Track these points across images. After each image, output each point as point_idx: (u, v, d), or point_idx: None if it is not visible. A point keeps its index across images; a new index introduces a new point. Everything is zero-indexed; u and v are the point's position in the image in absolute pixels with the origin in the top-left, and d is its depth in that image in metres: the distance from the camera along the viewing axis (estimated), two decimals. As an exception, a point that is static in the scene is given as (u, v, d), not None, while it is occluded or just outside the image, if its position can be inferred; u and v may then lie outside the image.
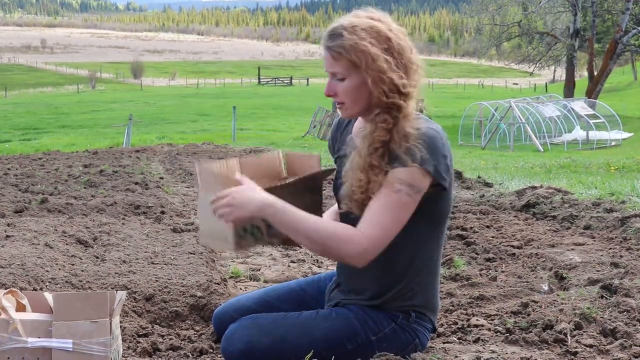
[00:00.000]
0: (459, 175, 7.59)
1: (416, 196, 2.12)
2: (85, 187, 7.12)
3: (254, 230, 2.14)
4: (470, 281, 3.40)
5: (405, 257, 2.24)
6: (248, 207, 2.09)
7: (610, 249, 4.07)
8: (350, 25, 2.14)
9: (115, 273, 3.39)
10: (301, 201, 2.18)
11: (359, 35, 2.12)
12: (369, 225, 2.11)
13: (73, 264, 3.55)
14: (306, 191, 2.26)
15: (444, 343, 2.54)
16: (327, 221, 2.19)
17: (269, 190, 2.14)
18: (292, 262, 4.16)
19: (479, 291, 3.18)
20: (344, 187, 2.21)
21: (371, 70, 2.11)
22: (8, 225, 4.47)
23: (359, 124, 2.33)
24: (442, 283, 3.46)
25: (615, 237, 4.34)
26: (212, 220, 2.14)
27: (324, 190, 2.48)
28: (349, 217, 2.22)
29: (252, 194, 2.11)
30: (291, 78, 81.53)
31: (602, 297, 2.92)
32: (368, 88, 2.14)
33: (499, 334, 2.60)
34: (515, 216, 5.30)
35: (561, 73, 63.34)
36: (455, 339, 2.60)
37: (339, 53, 2.13)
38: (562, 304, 2.86)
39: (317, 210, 2.27)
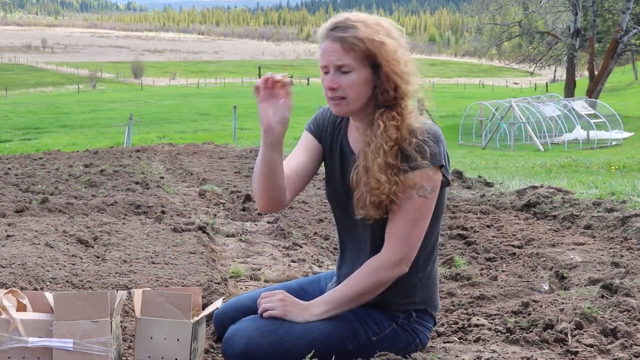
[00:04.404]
0: (459, 174, 7.59)
1: (433, 195, 2.16)
2: (85, 187, 7.12)
3: None
4: (470, 281, 3.40)
5: None
6: (298, 319, 2.20)
7: (610, 248, 4.07)
8: (360, 20, 2.13)
9: (116, 273, 3.39)
10: (203, 329, 2.32)
11: (373, 28, 2.12)
12: (396, 240, 2.16)
13: (74, 264, 3.54)
14: (205, 322, 2.41)
15: (444, 343, 2.54)
16: (355, 277, 2.23)
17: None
18: (293, 261, 4.15)
19: (479, 291, 3.18)
20: (358, 193, 2.19)
21: (389, 61, 2.11)
22: (9, 225, 4.46)
23: (352, 129, 2.31)
24: (443, 283, 3.46)
25: (616, 236, 4.34)
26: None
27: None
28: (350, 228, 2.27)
29: (303, 309, 2.22)
30: (292, 78, 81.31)
31: (602, 296, 2.91)
32: (372, 84, 2.14)
33: (499, 333, 2.60)
34: (515, 216, 5.30)
35: (562, 73, 63.30)
36: (456, 338, 2.60)
37: (354, 44, 2.10)
38: (563, 303, 2.86)
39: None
